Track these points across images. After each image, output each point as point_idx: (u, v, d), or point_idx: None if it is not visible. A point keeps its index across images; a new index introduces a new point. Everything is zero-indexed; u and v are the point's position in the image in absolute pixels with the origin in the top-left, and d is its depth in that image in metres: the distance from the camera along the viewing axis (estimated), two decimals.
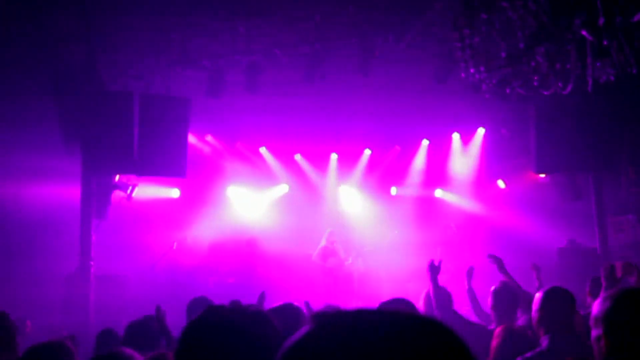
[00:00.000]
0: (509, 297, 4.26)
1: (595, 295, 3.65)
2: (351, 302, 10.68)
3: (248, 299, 9.39)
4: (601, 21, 4.67)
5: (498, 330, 3.74)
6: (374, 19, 9.27)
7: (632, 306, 2.10)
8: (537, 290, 4.93)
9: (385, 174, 13.70)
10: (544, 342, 3.12)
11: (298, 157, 13.58)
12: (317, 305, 5.36)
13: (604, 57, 5.25)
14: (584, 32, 5.14)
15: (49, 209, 8.90)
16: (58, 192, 9.20)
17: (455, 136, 13.28)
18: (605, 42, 5.06)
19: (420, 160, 13.65)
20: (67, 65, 9.23)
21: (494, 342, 3.65)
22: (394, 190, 13.72)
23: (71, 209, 9.28)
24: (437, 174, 13.47)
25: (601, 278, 3.93)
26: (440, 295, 4.64)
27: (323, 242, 11.92)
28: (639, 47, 5.51)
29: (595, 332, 2.20)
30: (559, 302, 3.17)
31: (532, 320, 3.25)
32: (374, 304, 4.23)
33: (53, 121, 9.25)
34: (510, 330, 3.72)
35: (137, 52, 9.48)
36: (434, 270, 4.79)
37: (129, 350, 2.54)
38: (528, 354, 3.10)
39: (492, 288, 4.45)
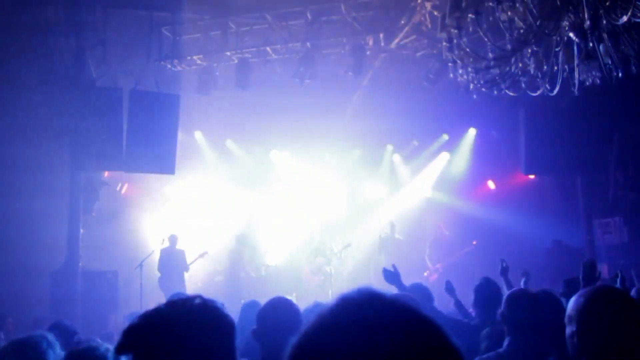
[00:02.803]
0: (490, 293, 4.27)
1: (567, 297, 3.68)
2: None
3: (235, 296, 9.38)
4: (588, 24, 4.70)
5: (485, 332, 3.74)
6: (365, 18, 9.30)
7: (605, 304, 2.13)
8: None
9: (377, 174, 13.73)
10: (505, 343, 3.16)
11: (288, 155, 13.57)
12: (306, 303, 5.35)
13: (591, 60, 5.28)
14: (571, 35, 5.17)
15: (37, 203, 8.85)
16: (46, 186, 9.16)
17: (445, 137, 13.34)
18: (592, 45, 5.09)
19: (411, 161, 13.69)
20: (57, 61, 9.19)
21: (483, 344, 3.67)
22: (384, 190, 13.74)
23: (59, 203, 9.24)
24: (427, 174, 13.51)
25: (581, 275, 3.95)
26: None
27: (314, 241, 11.92)
28: (625, 50, 5.56)
29: (569, 329, 2.23)
30: (521, 305, 3.21)
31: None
32: None
33: (43, 116, 9.21)
34: (497, 330, 3.72)
35: (127, 47, 9.46)
36: (391, 276, 4.70)
37: (107, 345, 2.54)
38: (484, 356, 3.14)
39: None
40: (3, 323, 5.10)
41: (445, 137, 13.34)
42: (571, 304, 2.26)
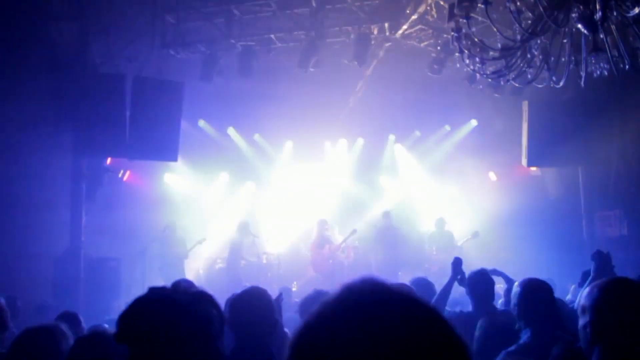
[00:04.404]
0: (485, 283, 4.30)
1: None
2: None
3: (236, 283, 9.41)
4: (599, 15, 4.68)
5: (480, 322, 3.76)
6: (370, 7, 9.24)
7: (619, 295, 2.14)
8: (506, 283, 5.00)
9: (378, 163, 13.74)
10: (526, 335, 3.15)
11: (290, 144, 13.54)
12: (307, 291, 5.37)
13: (599, 52, 5.26)
14: (580, 26, 5.15)
15: (39, 189, 8.83)
16: (49, 172, 9.13)
17: (447, 128, 13.33)
18: (601, 37, 5.07)
19: (413, 151, 13.69)
20: (60, 46, 9.12)
21: (477, 333, 3.68)
22: (385, 180, 13.75)
23: (62, 189, 9.22)
24: (428, 164, 13.50)
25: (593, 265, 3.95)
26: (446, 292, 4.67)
27: (316, 231, 11.95)
28: (633, 42, 5.54)
29: (582, 320, 2.23)
30: (538, 294, 3.19)
31: (514, 312, 3.26)
32: None
33: (45, 102, 9.16)
34: (492, 321, 3.74)
35: (130, 34, 9.39)
36: (458, 269, 4.80)
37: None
38: (512, 348, 3.11)
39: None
40: (14, 307, 5.10)
41: (447, 128, 13.34)
42: (585, 295, 2.26)
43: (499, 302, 4.95)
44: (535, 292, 3.21)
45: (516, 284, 3.42)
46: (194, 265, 11.68)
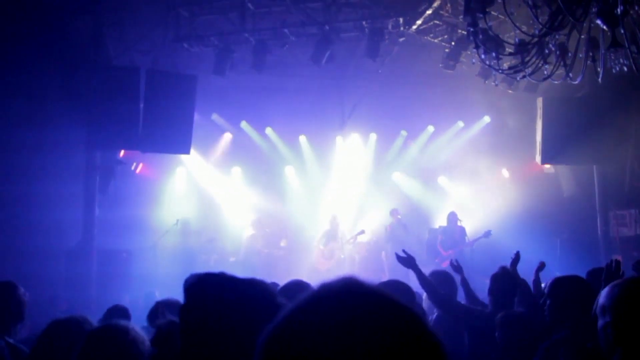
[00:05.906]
0: (508, 283, 4.24)
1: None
2: None
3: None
4: (620, 9, 4.59)
5: (499, 321, 3.71)
6: (384, 2, 9.18)
7: None
8: (533, 285, 4.92)
9: (390, 159, 13.68)
10: (565, 330, 3.10)
11: (303, 138, 13.50)
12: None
13: (618, 47, 5.18)
14: (598, 21, 5.07)
15: (53, 183, 8.89)
16: (63, 166, 9.19)
17: (461, 124, 13.23)
18: (621, 32, 4.99)
19: (424, 146, 13.61)
20: (74, 39, 9.16)
21: (497, 332, 3.63)
22: (397, 176, 13.68)
23: (75, 183, 9.27)
24: (441, 160, 13.41)
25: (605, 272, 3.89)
26: (428, 283, 4.43)
27: (327, 226, 11.93)
28: None
29: (602, 321, 2.18)
30: (577, 290, 3.14)
31: (549, 307, 3.21)
32: None
33: (59, 95, 9.21)
34: (511, 318, 3.70)
35: (144, 27, 9.41)
36: (406, 262, 4.44)
37: (124, 323, 2.53)
38: (555, 337, 3.07)
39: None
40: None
41: (461, 124, 13.23)
42: (604, 295, 2.20)
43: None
44: (575, 288, 3.15)
45: (545, 283, 3.36)
46: (205, 259, 11.72)
